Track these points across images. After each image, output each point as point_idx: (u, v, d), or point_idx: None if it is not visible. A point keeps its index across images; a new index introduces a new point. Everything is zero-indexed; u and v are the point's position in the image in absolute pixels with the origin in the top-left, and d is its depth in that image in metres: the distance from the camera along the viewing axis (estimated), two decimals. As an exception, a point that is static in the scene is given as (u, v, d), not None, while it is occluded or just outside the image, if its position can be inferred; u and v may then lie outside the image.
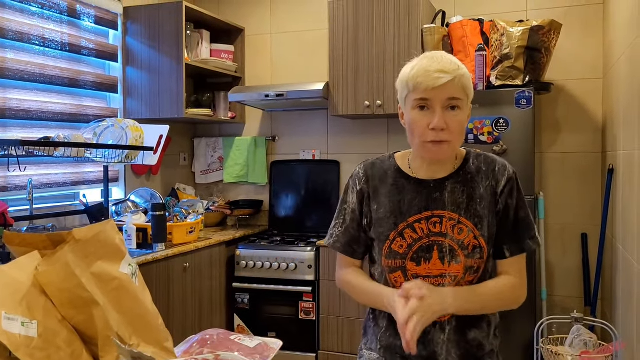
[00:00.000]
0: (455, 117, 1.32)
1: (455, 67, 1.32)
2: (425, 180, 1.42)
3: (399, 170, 1.46)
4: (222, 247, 3.45)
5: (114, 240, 1.08)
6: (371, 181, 1.47)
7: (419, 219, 1.39)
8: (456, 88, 1.31)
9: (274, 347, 1.32)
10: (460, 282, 1.39)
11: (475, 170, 1.42)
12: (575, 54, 3.39)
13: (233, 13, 4.14)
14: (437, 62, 1.32)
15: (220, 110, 3.95)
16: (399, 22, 3.34)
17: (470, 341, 1.42)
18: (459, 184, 1.41)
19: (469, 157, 1.45)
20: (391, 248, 1.40)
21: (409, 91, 1.35)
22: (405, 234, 1.40)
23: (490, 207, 1.40)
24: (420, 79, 1.31)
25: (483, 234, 1.38)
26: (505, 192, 1.40)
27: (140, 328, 1.08)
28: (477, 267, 1.39)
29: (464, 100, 1.34)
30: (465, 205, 1.39)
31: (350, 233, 1.50)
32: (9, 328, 0.91)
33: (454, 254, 1.38)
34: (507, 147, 2.95)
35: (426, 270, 1.39)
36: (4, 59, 2.75)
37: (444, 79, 1.29)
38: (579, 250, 3.38)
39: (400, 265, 1.40)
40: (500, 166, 1.43)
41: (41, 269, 1.01)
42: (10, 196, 2.80)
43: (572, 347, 2.40)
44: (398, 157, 1.50)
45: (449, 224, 1.38)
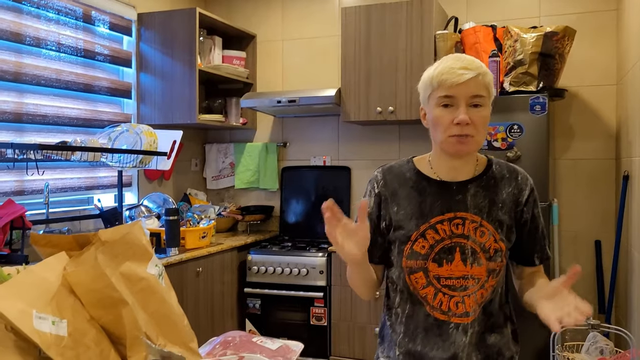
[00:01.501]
0: (479, 113, 1.35)
1: (479, 64, 1.35)
2: (448, 182, 1.43)
3: (419, 172, 1.47)
4: (233, 252, 3.45)
5: (141, 241, 1.08)
6: (389, 184, 1.48)
7: (441, 220, 1.40)
8: (479, 85, 1.34)
9: (295, 350, 1.32)
10: (484, 286, 1.39)
11: (498, 176, 1.45)
12: (589, 60, 3.38)
13: (245, 19, 4.17)
14: (461, 61, 1.35)
15: (231, 116, 3.96)
16: (412, 28, 3.35)
17: (490, 346, 1.42)
18: (481, 188, 1.42)
19: (491, 163, 1.48)
20: (413, 249, 1.41)
21: (432, 89, 1.37)
22: (427, 234, 1.40)
23: (510, 214, 1.42)
24: (445, 76, 1.33)
25: (502, 238, 1.40)
26: (530, 201, 1.44)
27: (167, 328, 1.08)
28: (498, 270, 1.40)
29: (486, 98, 1.36)
30: (487, 209, 1.40)
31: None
32: (40, 327, 0.91)
33: (476, 256, 1.38)
34: (521, 153, 2.95)
35: (448, 271, 1.39)
36: (22, 64, 2.78)
37: (468, 74, 1.32)
38: (592, 257, 3.36)
39: (421, 266, 1.40)
40: (522, 175, 1.46)
41: (70, 269, 1.02)
42: (26, 200, 2.82)
43: (588, 354, 2.38)
44: (417, 160, 1.51)
45: (471, 226, 1.39)
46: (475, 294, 1.39)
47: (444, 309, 1.39)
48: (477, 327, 1.40)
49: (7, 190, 2.70)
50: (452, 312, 1.39)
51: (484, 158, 1.49)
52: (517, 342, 1.50)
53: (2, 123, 2.70)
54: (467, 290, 1.38)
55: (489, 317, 1.43)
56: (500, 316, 1.45)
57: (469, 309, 1.39)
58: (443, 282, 1.39)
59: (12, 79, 2.72)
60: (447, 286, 1.39)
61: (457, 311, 1.39)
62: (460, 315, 1.39)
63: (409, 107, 3.36)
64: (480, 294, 1.39)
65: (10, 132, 2.75)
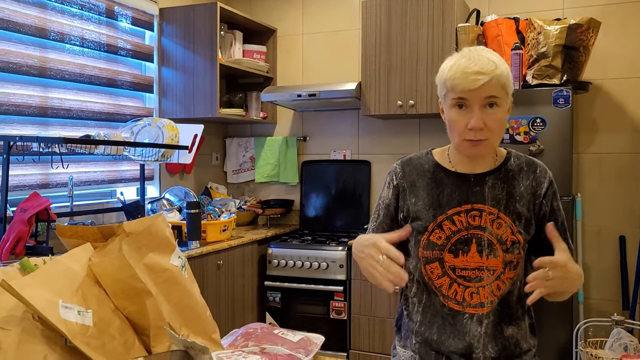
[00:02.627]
0: (493, 115, 1.33)
1: (493, 66, 1.31)
2: (466, 174, 1.44)
3: (437, 164, 1.48)
4: (254, 246, 3.47)
5: (165, 233, 1.10)
6: (408, 176, 1.49)
7: (458, 211, 1.41)
8: (494, 87, 1.32)
9: (316, 342, 1.32)
10: (500, 277, 1.39)
11: (516, 169, 1.45)
12: (614, 53, 3.32)
13: (265, 14, 4.17)
14: (475, 62, 1.31)
15: (252, 110, 3.98)
16: (433, 21, 3.32)
17: (507, 337, 1.42)
18: (499, 180, 1.43)
19: (510, 156, 1.48)
20: (429, 239, 1.42)
21: (446, 90, 1.37)
22: (444, 225, 1.41)
23: (528, 206, 1.42)
24: (457, 81, 1.32)
25: (520, 230, 1.40)
26: (549, 194, 1.44)
27: (190, 319, 1.10)
28: (516, 263, 1.40)
29: (502, 98, 1.34)
30: (505, 201, 1.41)
31: (384, 228, 1.52)
32: (66, 316, 0.93)
33: (492, 247, 1.38)
34: (544, 147, 2.91)
35: (464, 262, 1.40)
36: (46, 59, 2.82)
37: (481, 80, 1.29)
38: (616, 252, 3.31)
39: (437, 257, 1.41)
40: (541, 168, 1.46)
41: (95, 260, 1.04)
42: (51, 193, 2.87)
43: (612, 351, 2.35)
44: (436, 152, 1.52)
45: (488, 218, 1.39)
46: (490, 285, 1.39)
47: (458, 299, 1.40)
48: (492, 318, 1.40)
49: (32, 184, 2.75)
50: (467, 302, 1.40)
51: (503, 151, 1.49)
52: (535, 336, 1.49)
53: (27, 117, 2.75)
54: (482, 281, 1.39)
55: (505, 308, 1.42)
56: (517, 308, 1.44)
57: (483, 300, 1.39)
58: (458, 272, 1.40)
59: (37, 73, 2.76)
60: (462, 277, 1.40)
61: (471, 302, 1.39)
62: (474, 305, 1.39)
63: (429, 100, 3.33)
64: (496, 285, 1.39)
65: (35, 126, 2.79)
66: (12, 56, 2.63)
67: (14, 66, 2.64)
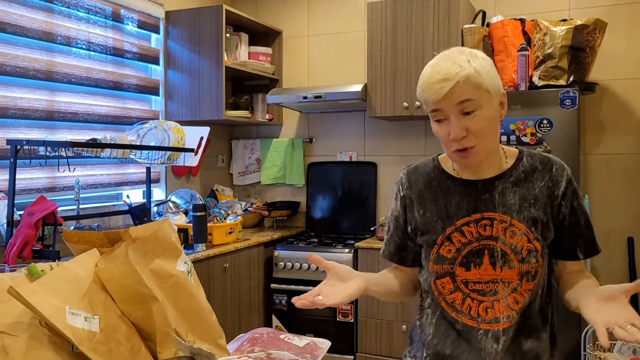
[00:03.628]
0: (472, 120, 1.23)
1: (458, 69, 1.20)
2: (473, 181, 1.35)
3: (443, 172, 1.40)
4: (260, 248, 3.47)
5: (171, 238, 1.10)
6: (414, 186, 1.42)
7: (468, 221, 1.33)
8: (465, 90, 1.20)
9: (322, 347, 1.32)
10: (517, 290, 1.30)
11: (529, 170, 1.34)
12: (621, 53, 3.30)
13: (271, 16, 4.18)
14: (438, 70, 1.22)
15: (257, 112, 3.98)
16: (439, 22, 3.32)
17: (526, 352, 1.31)
18: (510, 184, 1.33)
19: (522, 155, 1.37)
20: (439, 253, 1.34)
21: (423, 103, 1.29)
22: (454, 238, 1.33)
23: (545, 209, 1.31)
24: (425, 94, 1.25)
25: (537, 236, 1.30)
26: (568, 194, 1.33)
27: (196, 325, 1.09)
28: (534, 273, 1.30)
29: (477, 100, 1.22)
30: (518, 206, 1.31)
31: (395, 241, 1.47)
32: (73, 322, 0.93)
33: (507, 258, 1.29)
34: (551, 148, 2.90)
35: (476, 275, 1.31)
36: (53, 63, 2.83)
37: (445, 88, 1.20)
38: (624, 254, 3.29)
39: (448, 271, 1.33)
40: (557, 166, 1.34)
41: (102, 266, 1.04)
42: (58, 196, 2.88)
43: (620, 354, 2.33)
44: (442, 159, 1.44)
45: (500, 227, 1.30)
46: (506, 299, 1.30)
47: (472, 315, 1.31)
48: (512, 334, 1.30)
49: (39, 187, 2.76)
50: (482, 317, 1.31)
51: (514, 150, 1.38)
52: (555, 345, 1.40)
53: (34, 121, 2.76)
54: (497, 294, 1.30)
55: (527, 320, 1.32)
56: (538, 319, 1.34)
57: (498, 315, 1.30)
58: (471, 286, 1.31)
59: (44, 77, 2.78)
60: (475, 291, 1.31)
61: (486, 317, 1.30)
62: (489, 321, 1.30)
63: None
64: (512, 298, 1.30)
65: (42, 129, 2.80)
66: (19, 60, 2.65)
67: (21, 70, 2.65)
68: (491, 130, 1.26)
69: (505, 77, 3.19)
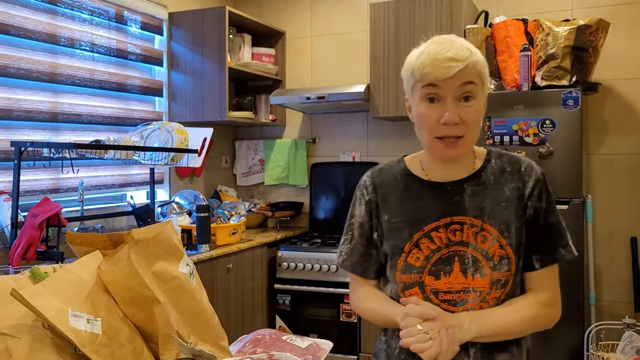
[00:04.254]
0: (470, 108, 1.17)
1: (468, 52, 1.16)
2: (442, 183, 1.27)
3: (410, 174, 1.32)
4: (263, 249, 3.48)
5: (173, 240, 1.10)
6: (379, 189, 1.33)
7: (437, 226, 1.24)
8: (470, 74, 1.15)
9: (325, 348, 1.33)
10: (486, 298, 1.21)
11: (498, 171, 1.27)
12: (624, 53, 3.29)
13: (274, 17, 4.18)
14: (448, 48, 1.15)
15: (261, 113, 3.99)
16: (441, 23, 3.32)
17: None
18: (480, 186, 1.25)
19: (490, 156, 1.30)
20: (407, 261, 1.25)
21: (415, 81, 1.19)
22: (422, 244, 1.24)
23: (517, 212, 1.24)
24: (428, 69, 1.15)
25: (510, 242, 1.22)
26: (534, 195, 1.25)
27: (198, 326, 1.10)
28: (504, 281, 1.22)
29: (479, 87, 1.18)
30: (489, 210, 1.23)
31: (359, 250, 1.36)
32: (75, 325, 0.94)
33: (478, 265, 1.21)
34: (554, 148, 2.89)
35: (447, 284, 1.22)
36: (57, 64, 2.84)
37: (456, 68, 1.13)
38: (627, 254, 3.28)
39: (417, 281, 1.24)
40: (526, 166, 1.27)
41: (104, 268, 1.04)
42: (61, 198, 2.89)
43: (624, 354, 2.33)
44: (408, 160, 1.36)
45: (470, 232, 1.22)
46: (474, 308, 1.22)
47: None
48: (481, 345, 1.22)
49: (43, 189, 2.78)
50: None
51: (483, 150, 1.31)
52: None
53: (38, 123, 2.77)
54: (467, 304, 1.22)
55: None
56: None
57: None
58: (442, 296, 1.22)
59: (48, 79, 2.79)
60: (446, 301, 1.22)
61: None
62: None
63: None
64: (479, 307, 1.22)
65: (46, 131, 2.82)
66: (23, 62, 2.66)
67: (25, 72, 2.66)
68: (478, 125, 1.21)
69: (507, 77, 3.18)
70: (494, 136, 3.01)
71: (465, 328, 1.16)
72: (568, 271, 2.85)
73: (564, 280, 3.00)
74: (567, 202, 2.87)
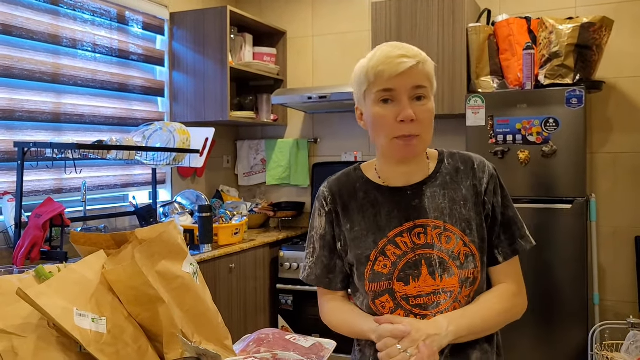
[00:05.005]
0: (423, 107, 1.19)
1: (418, 52, 1.21)
2: (400, 188, 1.28)
3: (368, 181, 1.32)
4: (266, 249, 3.48)
5: (177, 240, 1.10)
6: (339, 199, 1.33)
7: (400, 231, 1.25)
8: (421, 75, 1.19)
9: (328, 348, 1.32)
10: (457, 298, 1.22)
11: (453, 171, 1.29)
12: (629, 51, 3.29)
13: (275, 16, 4.18)
14: (398, 48, 1.20)
15: (262, 112, 3.99)
16: (443, 21, 3.31)
17: None
18: (438, 187, 1.27)
19: (443, 157, 1.32)
20: (374, 270, 1.25)
21: (369, 83, 1.21)
22: (387, 251, 1.24)
23: (475, 209, 1.26)
24: (382, 67, 1.18)
25: (473, 239, 1.24)
26: (490, 190, 1.27)
27: (202, 326, 1.10)
28: (473, 279, 1.23)
29: (429, 90, 1.21)
30: (449, 210, 1.25)
31: (323, 262, 1.35)
32: (80, 324, 0.94)
33: (445, 266, 1.22)
34: (557, 147, 2.89)
35: (417, 289, 1.22)
36: (59, 65, 2.84)
37: (408, 63, 1.16)
38: (632, 253, 3.27)
39: (386, 288, 1.24)
40: (478, 163, 1.30)
41: (109, 268, 1.04)
42: (65, 198, 2.89)
43: (628, 354, 2.32)
44: (364, 167, 1.37)
45: (434, 233, 1.23)
46: (447, 310, 1.22)
47: None
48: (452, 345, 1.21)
49: (46, 189, 2.78)
50: None
51: (435, 152, 1.33)
52: (501, 356, 1.32)
53: (41, 123, 2.77)
54: (439, 306, 1.22)
55: None
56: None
57: None
58: (413, 301, 1.22)
59: (51, 80, 2.79)
60: (418, 306, 1.22)
61: None
62: None
63: (441, 101, 3.32)
64: (453, 307, 1.22)
65: (49, 132, 2.82)
66: (26, 63, 2.66)
67: (27, 73, 2.67)
68: (432, 125, 1.23)
69: (510, 76, 3.18)
70: (497, 135, 3.00)
71: (444, 333, 1.16)
72: (572, 271, 2.84)
73: (568, 279, 3.00)
74: (570, 201, 2.86)
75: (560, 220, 2.88)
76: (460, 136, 3.23)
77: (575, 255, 2.84)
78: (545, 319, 2.85)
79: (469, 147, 3.06)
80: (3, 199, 2.53)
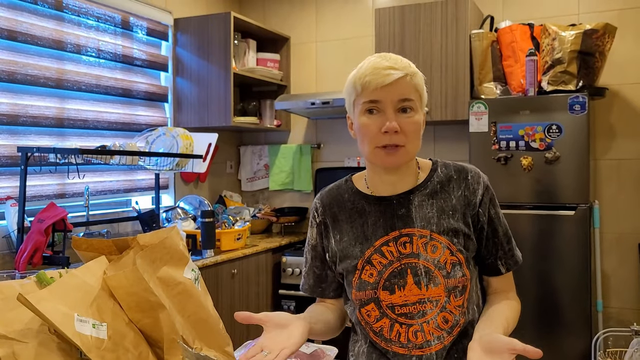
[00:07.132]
0: (409, 119, 1.21)
1: (407, 63, 1.22)
2: (387, 197, 1.29)
3: (357, 191, 1.34)
4: (268, 254, 3.48)
5: (178, 246, 1.10)
6: (328, 210, 1.35)
7: (387, 241, 1.26)
8: (408, 87, 1.20)
9: (330, 354, 1.32)
10: (445, 307, 1.22)
11: (445, 180, 1.30)
12: (632, 57, 3.28)
13: (279, 22, 4.19)
14: (387, 59, 1.21)
15: (266, 118, 3.99)
16: (447, 28, 3.31)
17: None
18: (426, 196, 1.28)
19: (436, 166, 1.33)
20: (361, 278, 1.26)
21: (356, 94, 1.23)
22: (374, 260, 1.25)
23: (465, 219, 1.26)
24: (369, 77, 1.19)
25: (460, 248, 1.24)
26: (485, 201, 1.28)
27: (203, 332, 1.10)
28: (462, 287, 1.23)
29: (417, 102, 1.22)
30: (436, 219, 1.25)
31: (315, 272, 1.39)
32: (81, 330, 0.94)
33: (431, 275, 1.22)
34: (560, 154, 2.88)
35: (402, 298, 1.23)
36: (63, 70, 2.86)
37: (395, 75, 1.17)
38: (635, 260, 3.26)
39: (372, 297, 1.24)
40: (473, 173, 1.31)
41: (110, 273, 1.04)
42: (67, 203, 2.90)
43: (631, 361, 2.31)
44: (355, 178, 1.39)
45: (420, 243, 1.24)
46: (435, 319, 1.21)
47: (402, 342, 1.23)
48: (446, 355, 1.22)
49: (49, 194, 2.79)
50: (412, 343, 1.22)
51: (428, 162, 1.35)
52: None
53: (44, 128, 2.78)
54: (425, 316, 1.22)
55: (462, 340, 1.24)
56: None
57: (429, 337, 1.21)
58: (398, 310, 1.23)
59: (55, 85, 2.80)
60: (403, 315, 1.23)
61: (416, 342, 1.22)
62: (420, 345, 1.22)
63: (444, 107, 3.32)
64: (442, 317, 1.22)
65: (52, 137, 2.83)
66: (30, 68, 2.67)
67: (31, 78, 2.68)
68: (418, 136, 1.25)
69: (513, 82, 3.18)
70: (500, 141, 3.00)
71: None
72: (575, 278, 2.83)
73: (572, 286, 2.99)
74: (574, 208, 2.85)
75: (564, 227, 2.87)
76: (463, 142, 3.24)
77: (578, 261, 2.83)
78: (548, 325, 2.84)
79: (472, 154, 3.06)
80: (6, 203, 2.53)
